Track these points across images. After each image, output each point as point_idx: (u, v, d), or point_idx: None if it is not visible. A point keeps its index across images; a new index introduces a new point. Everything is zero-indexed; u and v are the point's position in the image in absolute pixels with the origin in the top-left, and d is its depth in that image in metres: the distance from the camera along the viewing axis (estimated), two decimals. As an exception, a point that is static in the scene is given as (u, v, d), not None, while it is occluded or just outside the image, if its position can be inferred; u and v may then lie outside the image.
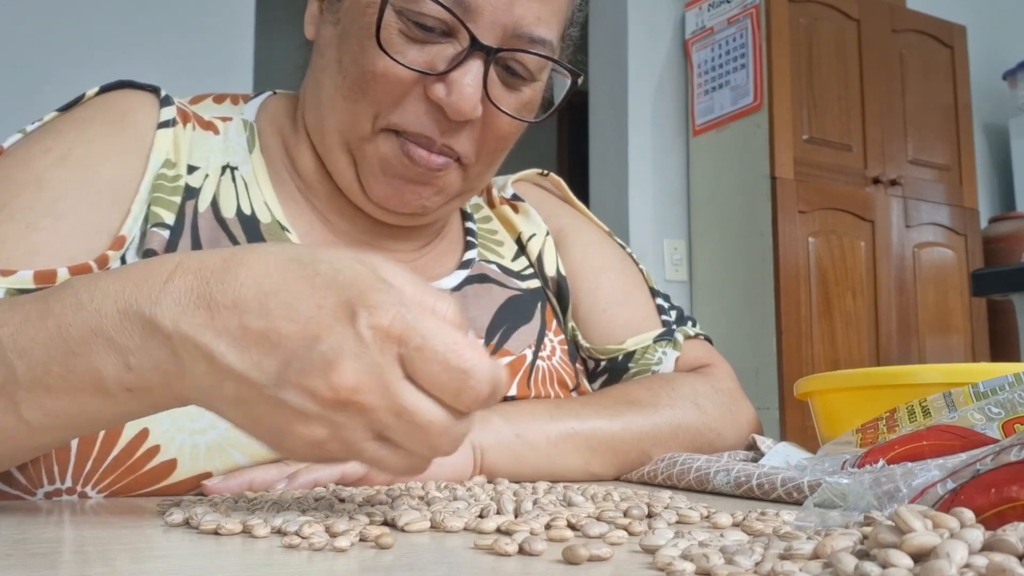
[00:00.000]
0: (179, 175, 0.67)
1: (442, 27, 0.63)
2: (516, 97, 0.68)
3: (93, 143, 0.64)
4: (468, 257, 0.79)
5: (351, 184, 0.69)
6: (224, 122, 0.74)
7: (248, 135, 0.74)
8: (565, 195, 0.92)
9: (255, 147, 0.73)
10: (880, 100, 2.90)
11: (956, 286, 2.99)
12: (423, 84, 0.64)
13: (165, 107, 0.69)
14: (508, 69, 0.66)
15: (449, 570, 0.32)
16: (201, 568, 0.32)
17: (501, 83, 0.67)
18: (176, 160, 0.68)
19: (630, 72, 2.91)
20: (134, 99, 0.69)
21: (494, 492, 0.52)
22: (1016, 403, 0.53)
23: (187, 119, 0.70)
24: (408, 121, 0.65)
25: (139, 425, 0.57)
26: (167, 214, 0.65)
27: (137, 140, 0.66)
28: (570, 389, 0.77)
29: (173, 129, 0.68)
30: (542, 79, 0.70)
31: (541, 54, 0.66)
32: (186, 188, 0.67)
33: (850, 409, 0.69)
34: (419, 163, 0.66)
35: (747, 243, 2.70)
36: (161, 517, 0.44)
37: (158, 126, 0.67)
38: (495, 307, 0.76)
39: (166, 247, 0.64)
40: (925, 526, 0.26)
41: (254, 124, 0.75)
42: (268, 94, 0.79)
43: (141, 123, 0.67)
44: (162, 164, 0.66)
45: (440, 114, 0.64)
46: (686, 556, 0.30)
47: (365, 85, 0.64)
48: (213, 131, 0.72)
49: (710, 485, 0.59)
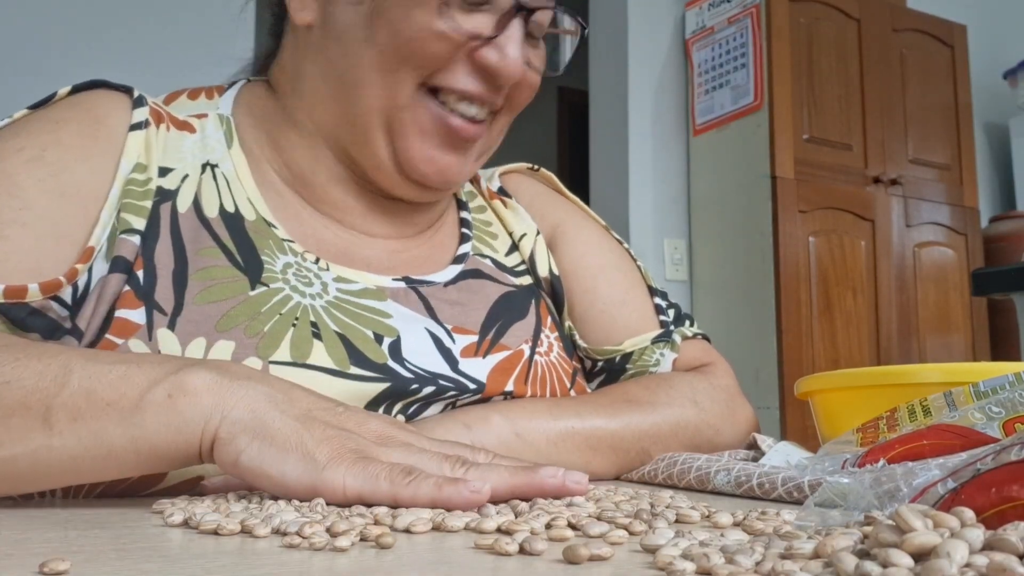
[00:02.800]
0: (149, 178, 0.66)
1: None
2: (537, 54, 0.72)
3: (66, 145, 0.63)
4: (462, 251, 0.79)
5: (385, 162, 0.70)
6: (200, 119, 0.73)
7: (225, 130, 0.73)
8: (559, 189, 0.90)
9: (233, 142, 0.72)
10: (880, 100, 2.90)
11: (956, 286, 2.99)
12: (467, 49, 0.67)
13: (137, 108, 0.68)
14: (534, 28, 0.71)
15: (449, 570, 0.31)
16: (201, 568, 0.32)
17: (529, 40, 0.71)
18: (147, 163, 0.66)
19: (630, 72, 2.90)
20: (107, 101, 0.67)
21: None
22: (1016, 402, 0.53)
23: (160, 120, 0.69)
24: (456, 79, 0.68)
25: None
26: (137, 220, 0.63)
27: (109, 144, 0.65)
28: (568, 387, 0.76)
29: (145, 131, 0.67)
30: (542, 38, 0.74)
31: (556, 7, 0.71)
32: (159, 191, 0.66)
33: (850, 409, 0.69)
34: (457, 131, 0.69)
35: (747, 243, 2.70)
36: (161, 517, 0.43)
37: (129, 128, 0.66)
38: (490, 302, 0.76)
39: (138, 252, 0.63)
40: (926, 525, 0.26)
41: (230, 118, 0.74)
42: (242, 82, 0.78)
43: (113, 126, 0.66)
44: (132, 168, 0.65)
45: (485, 76, 0.68)
46: (686, 556, 0.30)
47: (411, 52, 0.66)
48: (189, 130, 0.71)
49: (710, 485, 0.59)
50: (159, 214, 0.65)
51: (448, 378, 0.68)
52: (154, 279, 0.62)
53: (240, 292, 0.63)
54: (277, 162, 0.73)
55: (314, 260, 0.69)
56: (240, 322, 0.62)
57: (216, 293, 0.63)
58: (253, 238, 0.67)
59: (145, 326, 0.60)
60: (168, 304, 0.61)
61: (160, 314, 0.61)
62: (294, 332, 0.63)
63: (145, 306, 0.61)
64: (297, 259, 0.68)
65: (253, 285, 0.64)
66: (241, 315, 0.62)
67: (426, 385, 0.66)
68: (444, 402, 0.67)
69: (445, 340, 0.70)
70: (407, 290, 0.72)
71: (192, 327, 0.61)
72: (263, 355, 0.60)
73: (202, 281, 0.63)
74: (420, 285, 0.73)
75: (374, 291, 0.70)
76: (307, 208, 0.73)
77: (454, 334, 0.71)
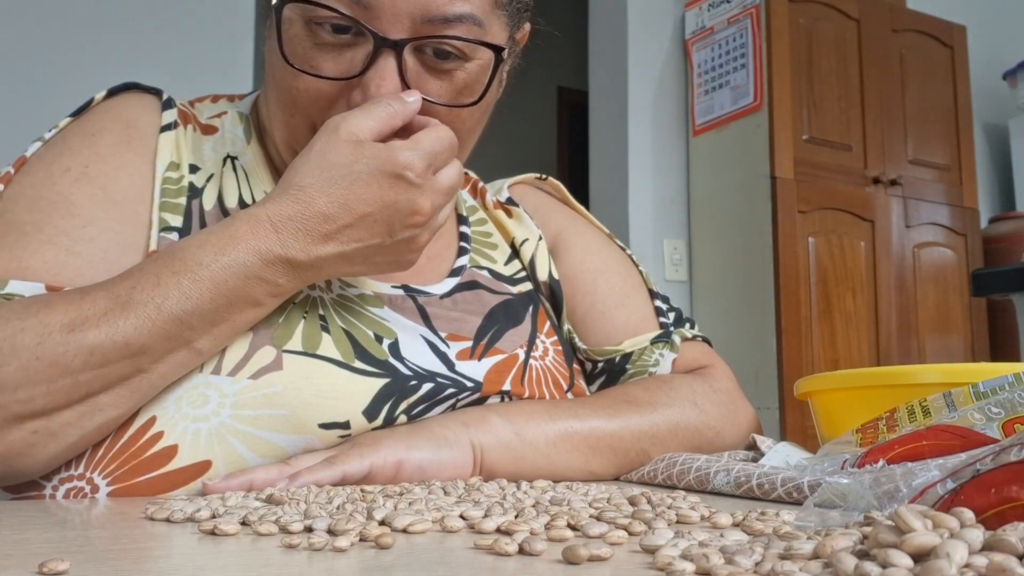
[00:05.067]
0: (182, 176, 0.68)
1: (352, 27, 0.62)
2: (448, 82, 0.65)
3: (105, 157, 0.66)
4: (459, 264, 0.79)
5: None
6: (219, 117, 0.75)
7: (244, 127, 0.75)
8: (564, 198, 0.91)
9: (252, 138, 0.74)
10: (880, 100, 2.90)
11: (956, 286, 2.99)
12: (348, 89, 0.64)
13: (167, 110, 0.70)
14: (437, 52, 0.63)
15: (449, 570, 0.32)
16: (201, 568, 0.32)
17: (428, 69, 0.64)
18: (179, 161, 0.69)
19: (630, 72, 2.91)
20: (137, 104, 0.70)
21: (495, 491, 0.52)
22: (1016, 403, 0.53)
23: (188, 121, 0.72)
24: None
25: (148, 413, 0.59)
26: (174, 217, 0.66)
27: (142, 147, 0.68)
28: (565, 390, 0.77)
29: (175, 132, 0.70)
30: (479, 56, 0.65)
31: (455, 36, 0.62)
32: (190, 187, 0.68)
33: (850, 409, 0.69)
34: None
35: (747, 243, 2.70)
36: (161, 517, 0.44)
37: (160, 130, 0.69)
38: (485, 311, 0.76)
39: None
40: (925, 526, 0.26)
41: (249, 117, 0.76)
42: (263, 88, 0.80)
43: (145, 129, 0.69)
44: (167, 167, 0.68)
45: None
46: (686, 556, 0.30)
47: (292, 99, 0.65)
48: (211, 132, 0.73)
49: (710, 485, 0.59)
50: (192, 210, 0.68)
51: (446, 376, 0.68)
52: None
53: None
54: (281, 161, 0.74)
55: None
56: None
57: None
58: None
59: None
60: None
61: None
62: (305, 324, 0.65)
63: None
64: None
65: None
66: None
67: (425, 382, 0.66)
68: (446, 403, 0.68)
69: (440, 346, 0.71)
70: (404, 298, 0.72)
71: None
72: (277, 344, 0.62)
73: None
74: (418, 295, 0.74)
75: (372, 297, 0.71)
76: None
77: (448, 341, 0.72)
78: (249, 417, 0.60)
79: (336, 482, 0.57)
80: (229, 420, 0.59)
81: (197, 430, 0.59)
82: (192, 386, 0.60)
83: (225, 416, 0.59)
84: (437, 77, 0.65)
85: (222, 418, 0.59)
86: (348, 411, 0.62)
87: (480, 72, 0.66)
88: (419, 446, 0.61)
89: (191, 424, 0.59)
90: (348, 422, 0.62)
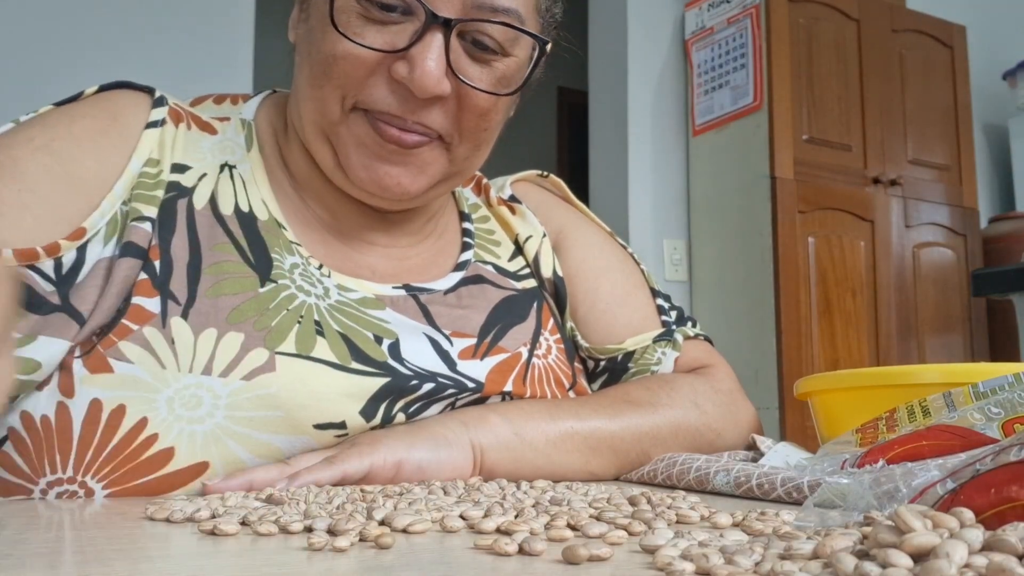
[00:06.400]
0: (160, 171, 0.67)
1: (401, 6, 0.63)
2: (488, 71, 0.66)
3: (76, 138, 0.64)
4: (464, 259, 0.79)
5: (334, 171, 0.70)
6: (222, 122, 0.74)
7: (246, 134, 0.74)
8: (566, 195, 0.92)
9: (253, 146, 0.74)
10: (880, 100, 2.90)
11: (956, 286, 2.99)
12: (387, 64, 0.64)
13: (156, 108, 0.69)
14: (477, 43, 0.65)
15: (449, 570, 0.32)
16: (201, 568, 0.32)
17: (469, 57, 0.66)
18: (160, 158, 0.68)
19: (630, 72, 2.90)
20: (128, 100, 0.69)
21: (495, 491, 0.52)
22: (1016, 403, 0.53)
23: (180, 120, 0.71)
24: (375, 100, 0.65)
25: (137, 414, 0.58)
26: (147, 208, 0.65)
27: (121, 140, 0.66)
28: (567, 388, 0.77)
29: (160, 129, 0.68)
30: (517, 53, 0.67)
31: (501, 22, 0.64)
32: (173, 185, 0.67)
33: (850, 409, 0.69)
34: (390, 140, 0.66)
35: (747, 243, 2.70)
36: (161, 517, 0.44)
37: (145, 126, 0.68)
38: (490, 307, 0.76)
39: (153, 242, 0.64)
40: (925, 526, 0.26)
41: (252, 123, 0.75)
42: (267, 92, 0.80)
43: (130, 124, 0.67)
44: (144, 163, 0.67)
45: (407, 92, 0.64)
46: (686, 556, 0.30)
47: (328, 69, 0.65)
48: (210, 132, 0.73)
49: (710, 485, 0.59)
50: (175, 209, 0.66)
51: (447, 376, 0.68)
52: (170, 270, 0.63)
53: (250, 288, 0.65)
54: (284, 167, 0.74)
55: (318, 266, 0.70)
56: (250, 316, 0.63)
57: (227, 287, 0.64)
58: (265, 237, 0.68)
59: (159, 315, 0.61)
60: (182, 295, 0.63)
61: (174, 304, 0.62)
62: (299, 328, 0.64)
63: (160, 296, 0.62)
64: (303, 261, 0.69)
65: (263, 282, 0.66)
66: (251, 309, 0.64)
67: (425, 382, 0.66)
68: (444, 401, 0.68)
69: (443, 344, 0.71)
70: (406, 298, 0.72)
71: (203, 318, 0.62)
72: (270, 346, 0.62)
73: (214, 275, 0.65)
74: (420, 293, 0.73)
75: (372, 300, 0.70)
76: (313, 213, 0.73)
77: (452, 338, 0.72)
78: (244, 419, 0.60)
79: (336, 482, 0.57)
80: (224, 422, 0.59)
81: (193, 432, 0.59)
82: (182, 387, 0.59)
83: (220, 418, 0.59)
84: (478, 64, 0.66)
85: (217, 420, 0.59)
86: (344, 411, 0.62)
87: (517, 68, 0.68)
88: (419, 446, 0.61)
89: (186, 426, 0.59)
90: (344, 422, 0.62)
